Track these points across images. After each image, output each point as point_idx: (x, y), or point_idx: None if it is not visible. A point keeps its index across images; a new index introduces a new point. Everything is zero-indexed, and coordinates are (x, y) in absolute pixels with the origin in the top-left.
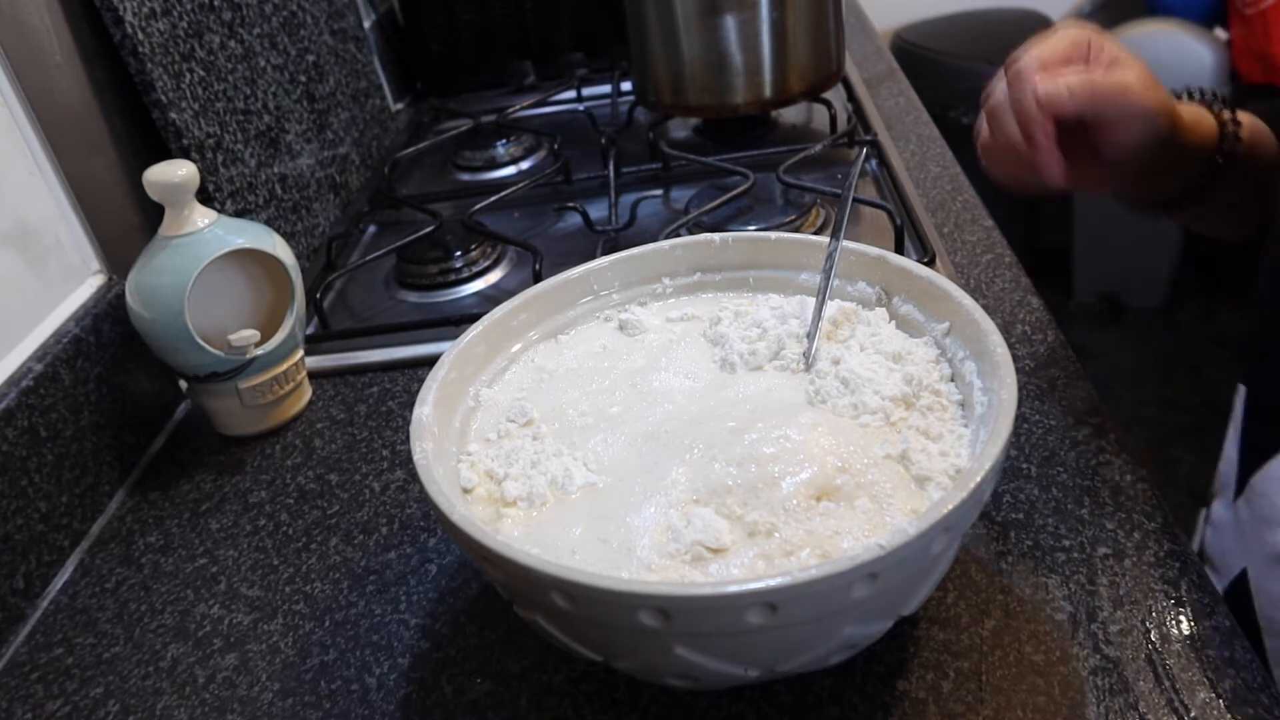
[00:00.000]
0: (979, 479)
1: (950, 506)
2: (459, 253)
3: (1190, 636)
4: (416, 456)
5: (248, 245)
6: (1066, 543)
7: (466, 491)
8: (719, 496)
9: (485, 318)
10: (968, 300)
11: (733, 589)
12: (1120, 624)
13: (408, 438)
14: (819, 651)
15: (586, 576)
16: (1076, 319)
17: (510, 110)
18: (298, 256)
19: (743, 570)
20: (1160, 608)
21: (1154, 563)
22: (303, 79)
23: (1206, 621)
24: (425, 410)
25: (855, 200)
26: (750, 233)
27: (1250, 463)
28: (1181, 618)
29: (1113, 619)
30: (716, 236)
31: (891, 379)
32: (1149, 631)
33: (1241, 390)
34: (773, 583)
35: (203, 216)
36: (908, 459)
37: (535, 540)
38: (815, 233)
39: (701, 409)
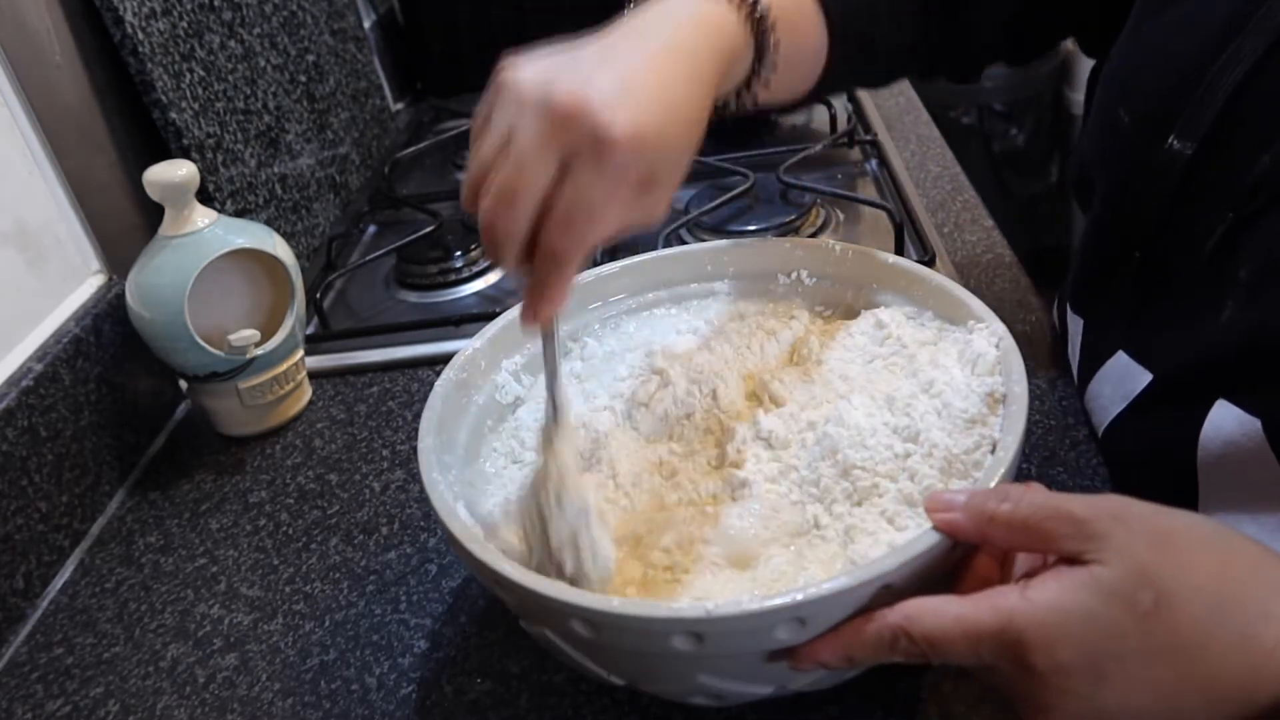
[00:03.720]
0: (840, 587)
1: (793, 599)
2: (459, 252)
3: None
4: (438, 384)
5: (248, 245)
6: None
7: (501, 405)
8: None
9: (581, 275)
10: (1020, 377)
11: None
12: None
13: (408, 437)
14: (680, 685)
15: (525, 577)
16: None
17: None
18: (298, 256)
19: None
20: None
21: None
22: (303, 79)
23: None
24: (477, 344)
25: (854, 199)
26: (863, 248)
27: (1083, 383)
28: None
29: None
30: (838, 245)
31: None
32: None
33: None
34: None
35: (203, 216)
36: (851, 537)
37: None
38: (814, 234)
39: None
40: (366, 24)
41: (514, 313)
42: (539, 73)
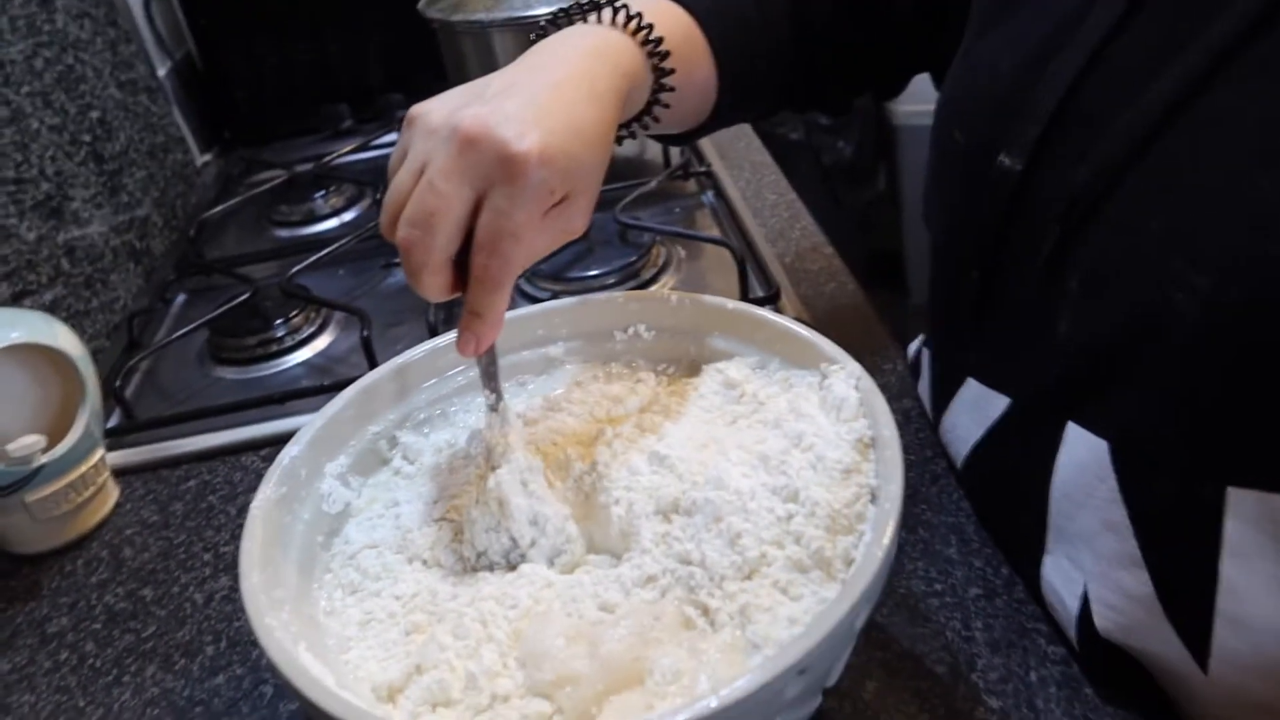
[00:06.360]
0: (755, 684)
1: (708, 707)
2: (279, 320)
3: (1069, 676)
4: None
5: (23, 340)
6: (939, 586)
7: (330, 516)
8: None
9: (405, 354)
10: (887, 418)
11: None
12: (999, 670)
13: (232, 536)
14: None
15: None
16: (913, 319)
17: (328, 158)
18: (96, 336)
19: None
20: (1036, 647)
21: (1025, 598)
22: (86, 138)
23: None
24: (295, 450)
25: (695, 237)
26: (701, 296)
27: (937, 416)
28: (1059, 653)
29: (991, 665)
30: (674, 296)
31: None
32: (1028, 673)
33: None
34: None
35: None
36: (747, 616)
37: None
38: (656, 275)
39: None
40: (161, 72)
41: (334, 407)
42: (446, 104)
